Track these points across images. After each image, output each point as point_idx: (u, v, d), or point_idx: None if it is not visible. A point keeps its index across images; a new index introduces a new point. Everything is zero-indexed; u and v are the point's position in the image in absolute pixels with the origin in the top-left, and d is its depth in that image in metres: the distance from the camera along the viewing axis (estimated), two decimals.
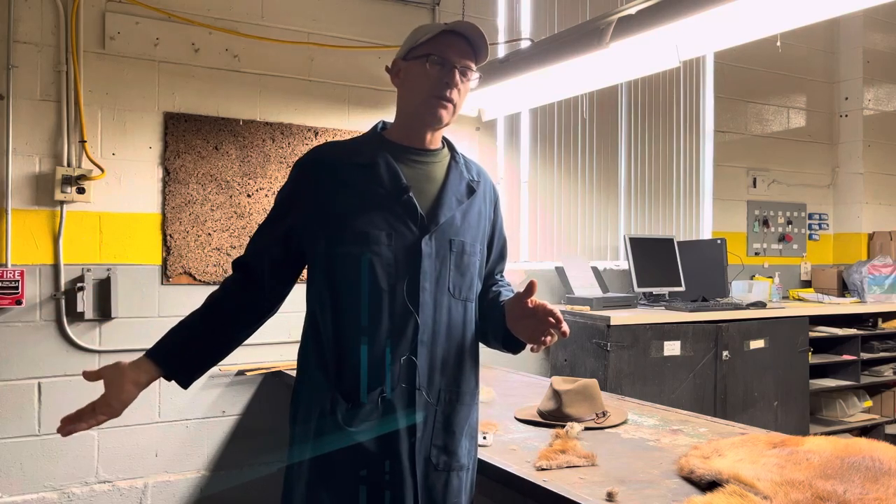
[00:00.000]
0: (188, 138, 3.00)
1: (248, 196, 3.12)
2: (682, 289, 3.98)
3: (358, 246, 1.44)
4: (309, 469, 1.46)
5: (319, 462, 1.45)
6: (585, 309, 3.47)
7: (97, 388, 2.93)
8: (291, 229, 1.50)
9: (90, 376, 1.43)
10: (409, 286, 1.45)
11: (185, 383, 1.49)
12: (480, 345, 1.63)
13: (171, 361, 1.47)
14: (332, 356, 1.46)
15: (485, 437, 1.93)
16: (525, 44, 3.50)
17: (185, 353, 1.49)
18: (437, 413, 1.49)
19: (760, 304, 3.85)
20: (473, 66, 1.52)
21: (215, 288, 1.57)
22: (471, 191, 1.57)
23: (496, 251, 1.69)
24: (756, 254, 4.75)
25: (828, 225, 5.06)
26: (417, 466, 1.46)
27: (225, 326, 1.53)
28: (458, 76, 1.48)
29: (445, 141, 1.62)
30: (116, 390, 1.42)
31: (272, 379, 3.08)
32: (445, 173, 1.55)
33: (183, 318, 1.53)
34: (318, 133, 3.26)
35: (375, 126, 1.60)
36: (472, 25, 1.50)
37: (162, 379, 1.49)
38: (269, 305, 1.56)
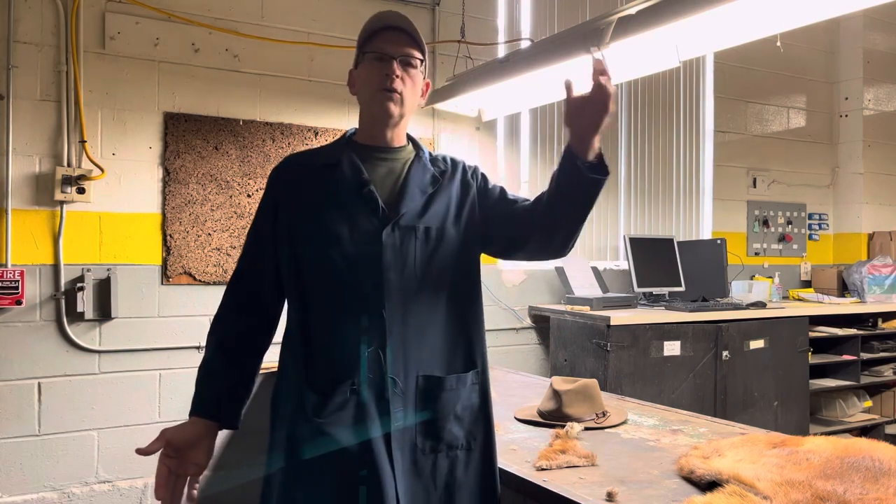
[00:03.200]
0: (188, 138, 3.00)
1: (248, 196, 3.12)
2: (682, 289, 3.98)
3: (321, 243, 1.46)
4: (284, 464, 1.47)
5: (294, 457, 1.46)
6: (585, 309, 3.47)
7: (97, 390, 2.93)
8: (275, 239, 1.53)
9: (152, 448, 1.45)
10: (374, 278, 1.46)
11: (237, 426, 1.56)
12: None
13: (224, 414, 1.53)
14: (303, 353, 1.48)
15: None
16: (525, 44, 3.50)
17: (230, 402, 1.54)
18: (415, 401, 1.48)
19: (760, 304, 3.85)
20: (416, 53, 1.52)
21: (217, 322, 1.58)
22: (435, 180, 1.56)
23: (494, 197, 1.62)
24: (756, 254, 4.75)
25: (828, 225, 5.06)
26: (395, 455, 1.44)
27: (249, 358, 1.58)
28: (396, 66, 1.49)
29: (411, 139, 1.63)
30: (205, 450, 1.51)
31: (271, 379, 3.08)
32: (408, 168, 1.57)
33: (204, 363, 1.55)
34: (318, 133, 3.26)
35: (345, 133, 1.63)
36: (398, 17, 1.52)
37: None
38: (277, 320, 1.60)
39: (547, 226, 1.51)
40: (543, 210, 1.50)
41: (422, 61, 1.55)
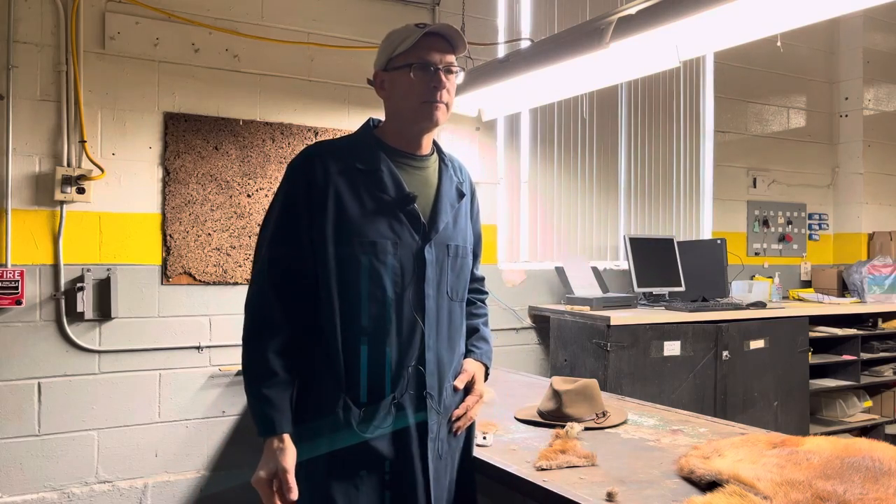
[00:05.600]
0: (188, 138, 3.00)
1: (248, 196, 3.12)
2: (682, 289, 3.98)
3: (366, 255, 1.45)
4: (323, 476, 1.46)
5: (333, 469, 1.46)
6: (585, 309, 3.47)
7: (97, 390, 2.93)
8: (308, 236, 1.47)
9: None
10: (414, 294, 1.48)
11: None
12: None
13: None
14: (341, 364, 1.46)
15: (485, 438, 1.93)
16: (525, 44, 3.50)
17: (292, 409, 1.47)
18: (442, 412, 1.54)
19: (760, 304, 3.85)
20: (454, 60, 1.53)
21: (265, 330, 1.47)
22: (461, 195, 1.61)
23: (474, 251, 1.73)
24: (756, 254, 4.75)
25: (828, 225, 5.06)
26: (430, 464, 1.50)
27: (300, 364, 1.50)
28: (443, 77, 1.50)
29: (435, 144, 1.64)
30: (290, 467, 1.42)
31: None
32: (439, 178, 1.58)
33: (266, 376, 1.44)
34: (318, 133, 3.26)
35: (367, 123, 1.60)
36: (446, 26, 1.51)
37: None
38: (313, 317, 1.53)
39: None
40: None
41: (461, 69, 1.58)
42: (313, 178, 1.47)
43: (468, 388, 1.59)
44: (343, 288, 1.46)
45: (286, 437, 1.42)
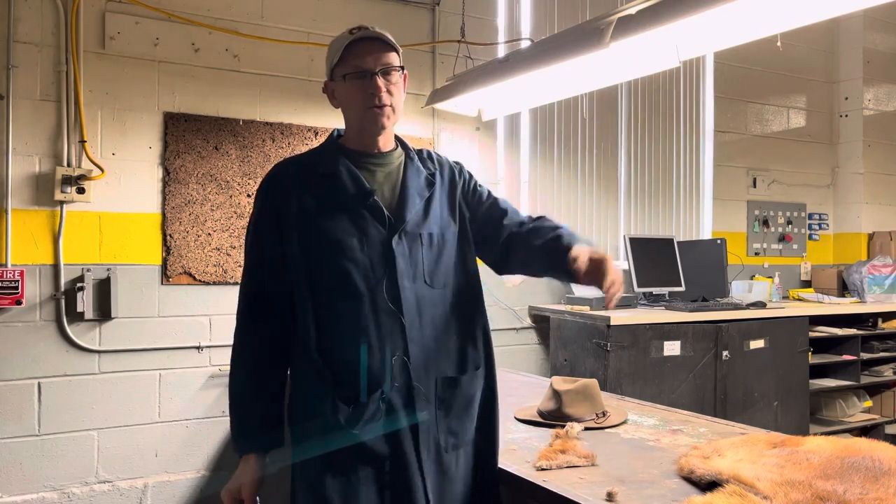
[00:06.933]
0: (188, 138, 3.00)
1: (248, 196, 3.12)
2: (682, 289, 3.98)
3: (333, 254, 1.48)
4: (316, 475, 1.47)
5: (326, 467, 1.46)
6: (585, 309, 3.47)
7: (97, 390, 2.93)
8: (279, 250, 1.52)
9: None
10: (388, 287, 1.49)
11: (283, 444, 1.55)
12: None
13: (274, 441, 1.52)
14: (324, 363, 1.48)
15: None
16: (525, 44, 3.50)
17: (276, 428, 1.53)
18: (436, 402, 1.53)
19: (760, 304, 3.85)
20: (393, 58, 1.54)
21: (241, 349, 1.57)
22: (430, 183, 1.61)
23: (492, 210, 1.75)
24: (756, 254, 4.75)
25: (828, 225, 5.05)
26: (423, 457, 1.49)
27: (278, 378, 1.55)
28: (379, 80, 1.51)
29: (399, 140, 1.65)
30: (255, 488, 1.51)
31: None
32: (403, 172, 1.59)
33: (234, 390, 1.54)
34: (317, 133, 3.26)
35: (332, 134, 1.64)
36: (372, 30, 1.54)
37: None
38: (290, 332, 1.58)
39: (526, 270, 1.80)
40: (529, 260, 1.72)
41: (401, 67, 1.56)
42: (278, 195, 1.53)
43: (597, 270, 1.58)
44: (314, 290, 1.49)
45: (255, 456, 1.49)
